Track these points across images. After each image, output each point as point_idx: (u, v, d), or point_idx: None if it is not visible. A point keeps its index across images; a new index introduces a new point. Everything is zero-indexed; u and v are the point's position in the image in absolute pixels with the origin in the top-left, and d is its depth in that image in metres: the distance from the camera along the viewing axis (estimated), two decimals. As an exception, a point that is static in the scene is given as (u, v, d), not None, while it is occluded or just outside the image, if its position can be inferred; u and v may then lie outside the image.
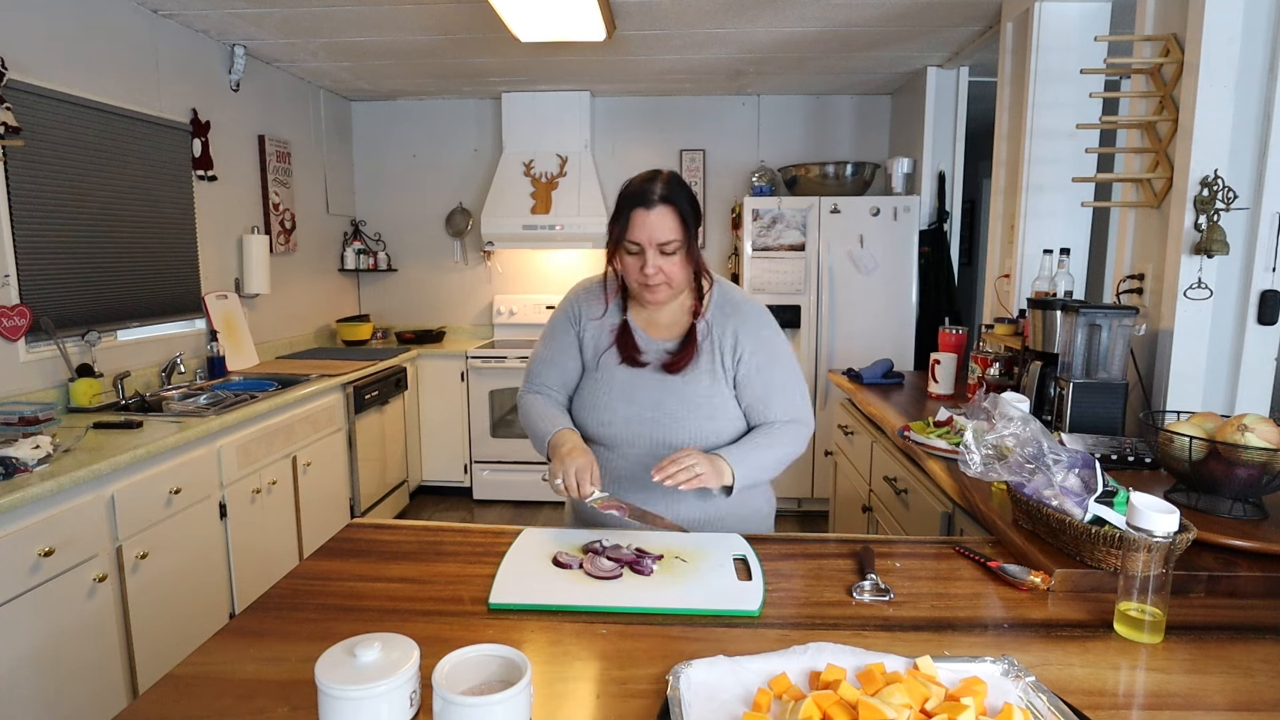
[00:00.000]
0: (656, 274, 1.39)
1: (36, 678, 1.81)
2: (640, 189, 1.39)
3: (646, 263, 1.38)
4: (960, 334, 2.83)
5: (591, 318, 1.55)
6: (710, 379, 1.46)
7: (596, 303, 1.55)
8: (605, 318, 1.54)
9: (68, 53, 2.61)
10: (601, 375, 1.50)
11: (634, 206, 1.38)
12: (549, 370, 1.58)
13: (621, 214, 1.40)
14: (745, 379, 1.47)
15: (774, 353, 1.49)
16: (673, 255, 1.39)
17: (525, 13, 2.82)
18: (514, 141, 4.49)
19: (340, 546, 1.31)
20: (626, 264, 1.42)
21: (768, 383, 1.48)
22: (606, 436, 1.48)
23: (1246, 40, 1.83)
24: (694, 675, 0.86)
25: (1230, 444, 1.26)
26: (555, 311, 1.61)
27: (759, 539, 1.32)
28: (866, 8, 3.02)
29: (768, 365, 1.48)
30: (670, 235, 1.37)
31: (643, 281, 1.41)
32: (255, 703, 0.85)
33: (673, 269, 1.40)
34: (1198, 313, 1.90)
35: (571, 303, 1.58)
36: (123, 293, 2.87)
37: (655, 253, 1.38)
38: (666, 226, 1.37)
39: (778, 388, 1.48)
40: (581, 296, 1.58)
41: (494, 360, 4.22)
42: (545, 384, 1.59)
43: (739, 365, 1.47)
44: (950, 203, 4.05)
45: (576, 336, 1.55)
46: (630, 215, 1.38)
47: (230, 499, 2.57)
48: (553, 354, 1.58)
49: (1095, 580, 1.13)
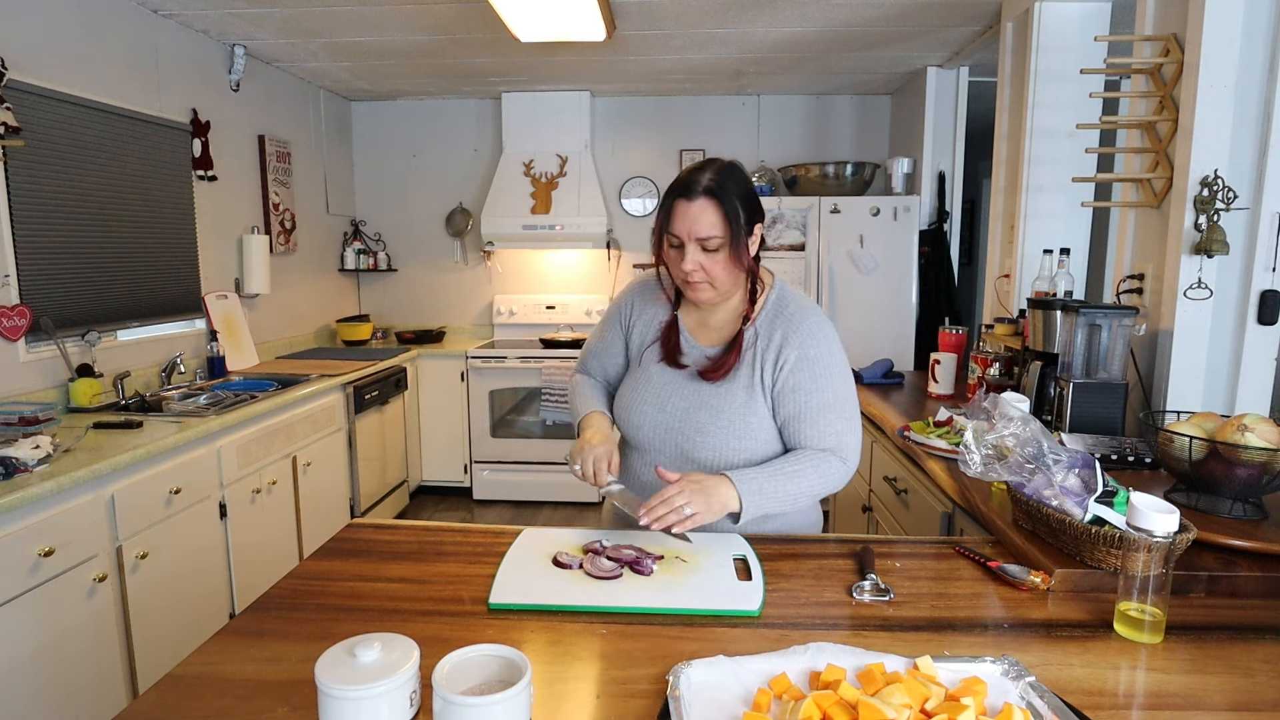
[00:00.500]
0: (696, 270, 1.30)
1: (36, 678, 1.81)
2: (687, 178, 1.30)
3: (685, 258, 1.29)
4: (960, 334, 2.83)
5: (643, 314, 1.51)
6: (747, 394, 1.36)
7: (652, 298, 1.50)
8: (657, 314, 1.49)
9: (68, 53, 2.61)
10: (640, 374, 1.46)
11: (676, 197, 1.30)
12: (594, 360, 1.59)
13: (664, 204, 1.32)
14: (782, 393, 1.35)
15: (822, 371, 1.35)
16: (715, 253, 1.29)
17: (525, 13, 2.82)
18: (514, 141, 4.49)
19: (340, 546, 1.31)
20: (669, 258, 1.34)
21: (807, 402, 1.34)
22: (636, 440, 1.45)
23: (1246, 40, 1.83)
24: (694, 675, 0.86)
25: (1230, 444, 1.26)
26: (612, 303, 1.58)
27: (759, 539, 1.32)
28: (866, 8, 3.02)
29: (811, 382, 1.34)
30: (711, 231, 1.27)
31: (683, 279, 1.33)
32: (255, 703, 0.85)
33: (715, 268, 1.30)
34: (1198, 313, 1.90)
35: (626, 298, 1.55)
36: (123, 293, 2.87)
37: (696, 248, 1.28)
38: (708, 221, 1.27)
39: (817, 409, 1.34)
40: (637, 292, 1.54)
41: (494, 360, 4.22)
42: (594, 368, 1.59)
43: (779, 376, 1.35)
44: (950, 203, 4.06)
45: (624, 333, 1.53)
46: (672, 205, 1.30)
47: (230, 499, 2.57)
48: (600, 345, 1.58)
49: (1095, 580, 1.13)
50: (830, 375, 1.36)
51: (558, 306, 4.68)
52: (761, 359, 1.37)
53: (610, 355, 1.56)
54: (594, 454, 1.33)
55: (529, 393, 4.26)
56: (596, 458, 1.33)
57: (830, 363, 1.36)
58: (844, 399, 1.37)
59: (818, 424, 1.34)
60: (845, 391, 1.37)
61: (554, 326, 4.69)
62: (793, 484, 1.29)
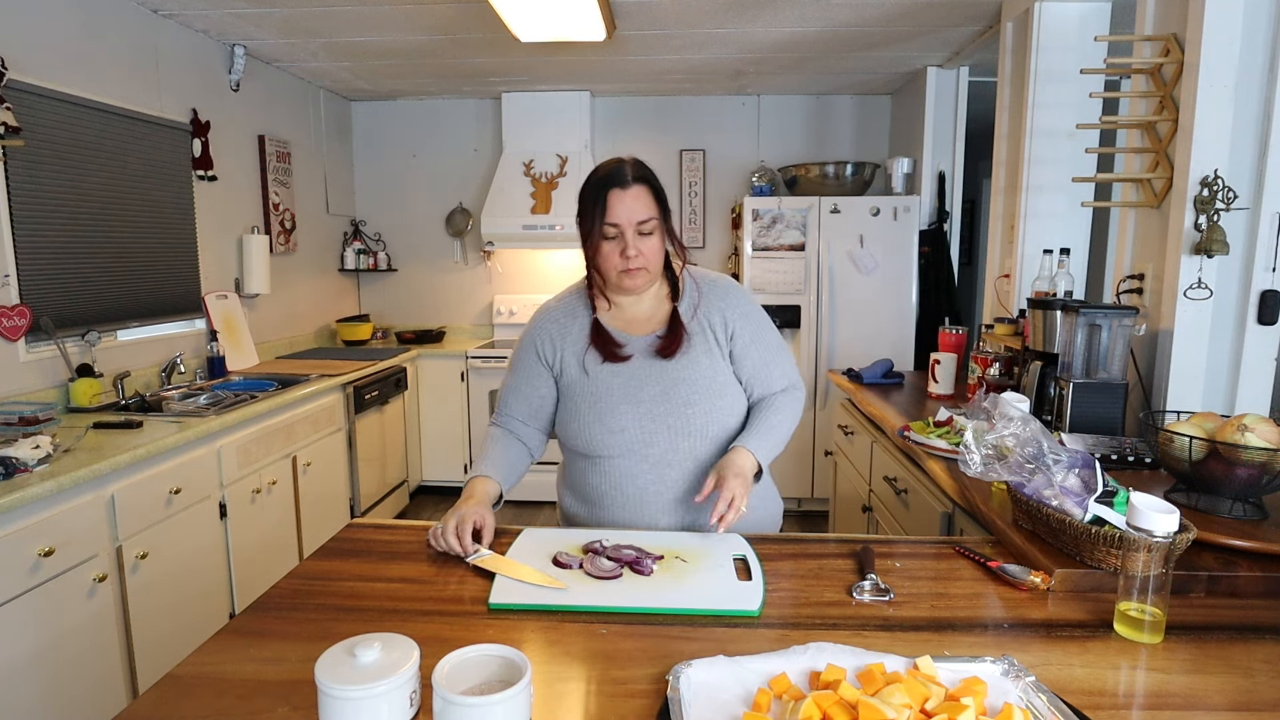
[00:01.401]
0: (637, 256, 1.36)
1: (36, 678, 1.81)
2: (612, 170, 1.37)
3: (627, 244, 1.36)
4: (960, 334, 2.83)
5: (564, 335, 1.49)
6: (709, 359, 1.44)
7: (566, 319, 1.51)
8: (581, 328, 1.49)
9: (68, 53, 2.61)
10: (592, 384, 1.44)
11: (609, 188, 1.36)
12: (517, 401, 1.53)
13: (596, 198, 1.36)
14: (741, 354, 1.47)
15: (760, 324, 1.50)
16: (650, 236, 1.37)
17: (525, 13, 2.82)
18: (514, 141, 4.49)
19: (340, 546, 1.31)
20: (604, 252, 1.39)
21: (762, 353, 1.48)
22: (621, 444, 1.42)
23: (1246, 40, 1.83)
24: (694, 675, 0.86)
25: (1230, 444, 1.26)
26: (521, 339, 1.55)
27: (759, 539, 1.32)
28: (866, 8, 3.02)
29: (759, 337, 1.48)
30: (648, 214, 1.36)
31: (623, 267, 1.38)
32: (255, 703, 0.85)
33: (650, 251, 1.38)
34: (1198, 313, 1.90)
35: (536, 328, 1.52)
36: (123, 293, 2.87)
37: (634, 233, 1.36)
38: (643, 205, 1.36)
39: (772, 356, 1.49)
40: (544, 319, 1.53)
41: (494, 360, 4.22)
42: (512, 414, 1.54)
43: (733, 342, 1.47)
44: (950, 203, 4.06)
45: (545, 362, 1.50)
46: (606, 197, 1.35)
47: (230, 499, 2.57)
48: (518, 382, 1.52)
49: (1095, 580, 1.13)
50: (764, 324, 1.51)
51: (558, 306, 4.67)
52: (711, 327, 1.46)
53: (533, 390, 1.51)
54: (456, 516, 1.27)
55: (529, 393, 4.25)
56: (460, 518, 1.26)
57: (760, 314, 1.52)
58: (778, 339, 1.53)
59: (771, 373, 1.49)
60: (773, 337, 1.53)
61: (554, 326, 4.68)
62: (783, 428, 1.45)
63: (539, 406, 1.52)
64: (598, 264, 1.42)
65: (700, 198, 4.69)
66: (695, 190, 4.68)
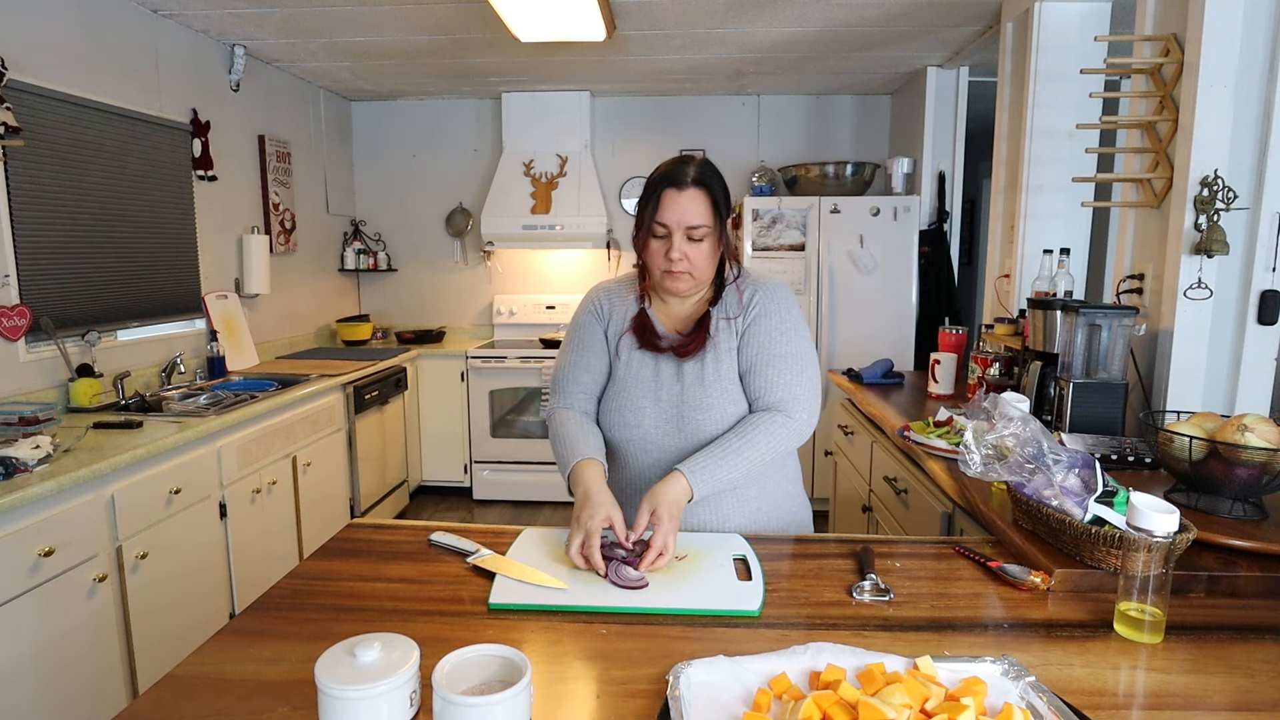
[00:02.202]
0: (681, 260, 1.33)
1: (36, 678, 1.81)
2: (672, 170, 1.34)
3: (673, 246, 1.33)
4: (960, 334, 2.83)
5: (614, 312, 1.50)
6: (731, 359, 1.40)
7: (619, 299, 1.51)
8: (627, 311, 1.49)
9: (68, 53, 2.61)
10: (624, 370, 1.44)
11: (665, 187, 1.33)
12: (578, 374, 1.48)
13: (651, 195, 1.34)
14: (744, 345, 1.40)
15: (778, 324, 1.40)
16: (700, 243, 1.34)
17: (525, 13, 2.82)
18: (514, 141, 4.49)
19: (340, 546, 1.31)
20: (650, 249, 1.36)
21: (759, 353, 1.39)
22: (636, 439, 1.42)
23: (1246, 40, 1.83)
24: (694, 675, 0.86)
25: (1230, 444, 1.26)
26: (576, 315, 1.53)
27: (759, 539, 1.32)
28: (866, 8, 3.02)
29: (766, 335, 1.40)
30: (700, 220, 1.32)
31: (665, 268, 1.35)
32: (255, 703, 0.85)
33: (699, 257, 1.34)
34: (1198, 313, 1.90)
35: (594, 300, 1.53)
36: (123, 293, 2.87)
37: (682, 237, 1.32)
38: (697, 210, 1.32)
39: (769, 359, 1.39)
40: (602, 293, 1.53)
41: (494, 360, 4.22)
42: (576, 391, 1.48)
43: (749, 325, 1.40)
44: (950, 203, 4.06)
45: (604, 331, 1.49)
46: (661, 195, 1.33)
47: (230, 499, 2.57)
48: (580, 356, 1.49)
49: (1095, 580, 1.13)
50: (785, 329, 1.40)
51: (558, 306, 4.68)
52: (742, 315, 1.42)
53: (595, 360, 1.48)
54: (583, 532, 1.19)
55: (529, 393, 4.26)
56: (587, 534, 1.19)
57: (787, 318, 1.41)
58: (797, 354, 1.40)
59: (767, 374, 1.38)
60: (799, 348, 1.41)
61: (554, 326, 4.69)
62: (741, 459, 1.32)
63: (600, 379, 1.48)
64: (644, 260, 1.41)
65: (700, 198, 4.68)
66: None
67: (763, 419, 1.36)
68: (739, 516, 1.43)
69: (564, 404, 1.48)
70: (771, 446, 1.34)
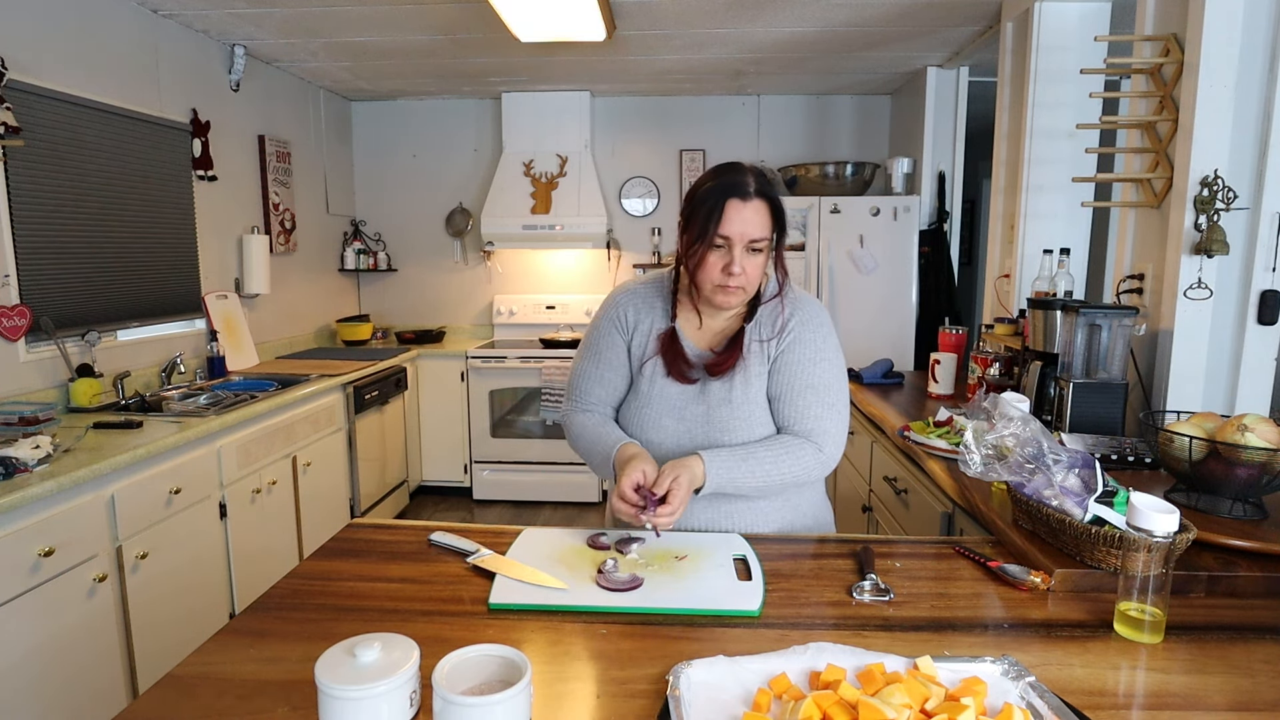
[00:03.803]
0: (740, 275, 1.27)
1: (36, 678, 1.81)
2: (733, 179, 1.27)
3: (733, 260, 1.26)
4: (960, 334, 2.83)
5: (639, 323, 1.42)
6: (761, 381, 1.36)
7: (646, 307, 1.43)
8: (654, 323, 1.41)
9: (68, 53, 2.61)
10: (646, 389, 1.40)
11: (729, 196, 1.26)
12: (594, 387, 1.44)
13: (713, 205, 1.26)
14: (779, 366, 1.36)
15: (812, 354, 1.36)
16: (758, 255, 1.29)
17: (525, 13, 2.82)
18: (514, 141, 4.49)
19: (340, 546, 1.31)
20: (707, 263, 1.29)
21: (791, 382, 1.35)
22: (656, 456, 1.35)
23: (1246, 40, 1.83)
24: (694, 675, 0.86)
25: (1230, 444, 1.26)
26: (597, 319, 1.46)
27: (759, 539, 1.32)
28: (866, 8, 3.02)
29: (797, 364, 1.35)
30: (762, 232, 1.27)
31: (722, 282, 1.29)
32: (255, 703, 0.85)
33: (755, 271, 1.29)
34: (1198, 313, 1.90)
35: (617, 308, 1.44)
36: (123, 293, 2.87)
37: (743, 250, 1.27)
38: (760, 222, 1.27)
39: (799, 389, 1.35)
40: (625, 300, 1.44)
41: (494, 360, 4.22)
42: (592, 401, 1.44)
43: (781, 350, 1.36)
44: (950, 203, 4.06)
45: (626, 345, 1.43)
46: (724, 206, 1.25)
47: (230, 499, 2.57)
48: (598, 369, 1.44)
49: (1095, 580, 1.13)
50: (819, 359, 1.37)
51: (558, 306, 4.68)
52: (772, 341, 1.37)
53: (614, 375, 1.43)
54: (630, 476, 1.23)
55: (529, 393, 4.26)
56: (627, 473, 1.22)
57: (823, 347, 1.38)
58: (828, 385, 1.37)
59: (797, 404, 1.35)
60: (831, 378, 1.37)
61: (554, 326, 4.69)
62: (762, 469, 1.30)
63: (617, 395, 1.45)
64: (695, 274, 1.32)
65: (700, 198, 4.68)
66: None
67: (797, 442, 1.34)
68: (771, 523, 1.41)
69: (582, 408, 1.45)
70: (795, 471, 1.32)
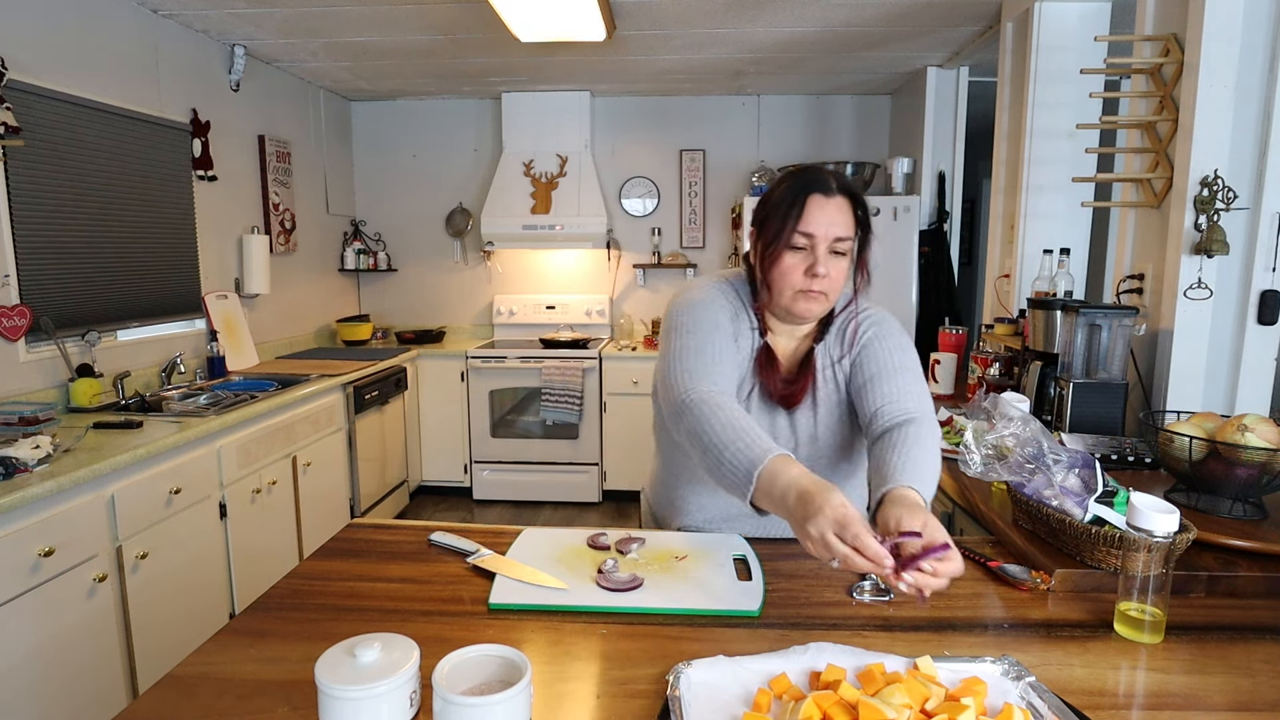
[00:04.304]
0: (825, 278, 1.17)
1: (36, 678, 1.81)
2: (814, 175, 1.19)
3: (817, 261, 1.17)
4: (960, 334, 2.83)
5: (740, 334, 1.27)
6: (840, 409, 1.27)
7: (733, 317, 1.28)
8: (743, 338, 1.27)
9: (68, 53, 2.61)
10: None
11: (811, 192, 1.17)
12: (723, 367, 1.19)
13: (792, 201, 1.17)
14: (858, 363, 1.24)
15: (896, 344, 1.26)
16: (842, 258, 1.19)
17: (525, 13, 2.82)
18: (514, 141, 4.49)
19: (340, 546, 1.31)
20: (785, 264, 1.18)
21: (886, 362, 1.23)
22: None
23: (1246, 40, 1.83)
24: (694, 675, 0.86)
25: (1230, 444, 1.26)
26: (707, 305, 1.25)
27: (759, 539, 1.32)
28: (866, 8, 3.02)
29: (886, 353, 1.24)
30: (847, 231, 1.18)
31: (804, 287, 1.18)
32: (255, 703, 0.85)
33: (839, 275, 1.19)
34: (1198, 313, 1.90)
35: (720, 308, 1.26)
36: (123, 293, 2.87)
37: (826, 251, 1.17)
38: (845, 221, 1.18)
39: (904, 370, 1.23)
40: (722, 303, 1.27)
41: (494, 360, 4.22)
42: (722, 377, 1.18)
43: (861, 349, 1.25)
44: (950, 203, 4.05)
45: (737, 346, 1.26)
46: (806, 202, 1.16)
47: (230, 499, 2.57)
48: (722, 352, 1.21)
49: (1095, 580, 1.13)
50: (905, 348, 1.27)
51: (558, 306, 4.68)
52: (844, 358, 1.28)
53: (734, 365, 1.23)
54: (844, 529, 0.88)
55: (529, 393, 4.26)
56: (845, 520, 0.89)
57: (904, 340, 1.28)
58: (919, 373, 1.26)
59: (896, 382, 1.21)
60: (918, 366, 1.26)
61: (554, 326, 4.69)
62: (935, 470, 1.11)
63: (735, 384, 1.24)
64: (772, 278, 1.21)
65: (700, 198, 4.69)
66: (695, 190, 4.68)
67: (925, 430, 1.15)
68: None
69: (715, 385, 1.16)
70: (940, 459, 1.15)
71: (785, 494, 0.96)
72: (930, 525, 0.93)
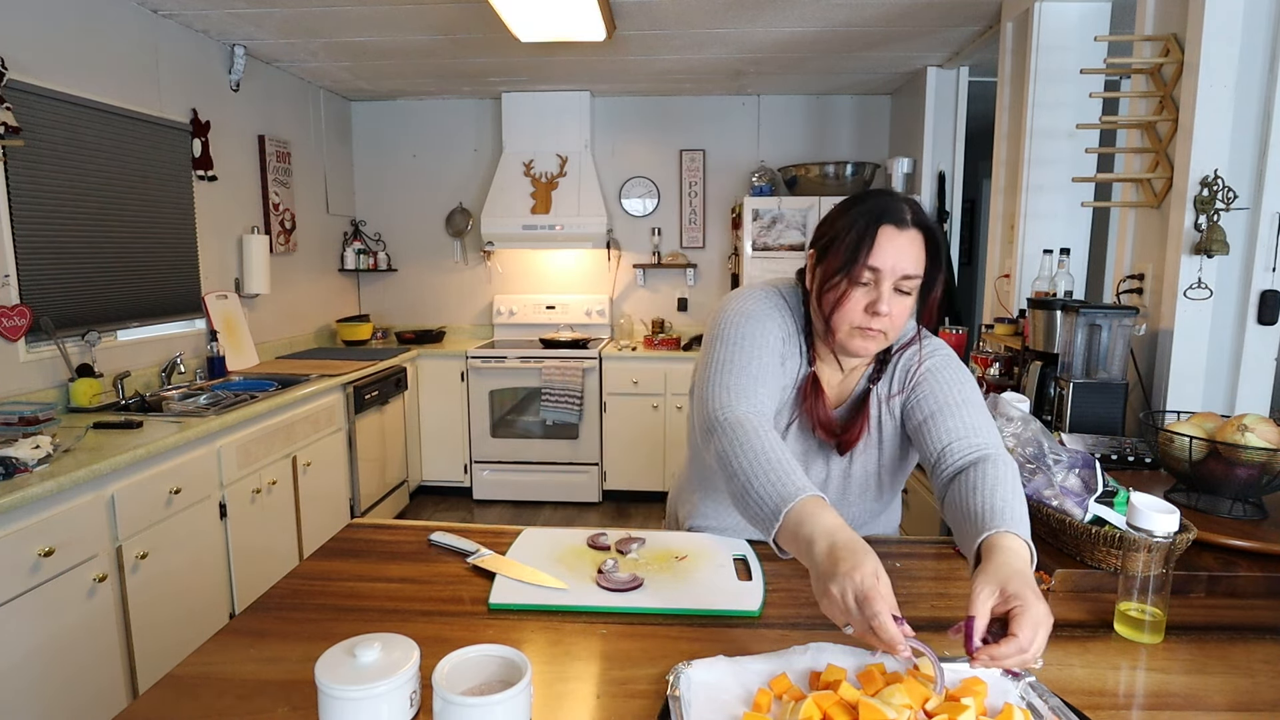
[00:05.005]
0: (886, 317, 1.08)
1: (36, 678, 1.81)
2: (886, 203, 1.09)
3: (880, 298, 1.08)
4: (960, 334, 2.83)
5: (788, 358, 1.20)
6: (894, 449, 1.22)
7: (791, 338, 1.21)
8: (791, 362, 1.20)
9: (68, 53, 2.61)
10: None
11: (883, 222, 1.07)
12: (761, 386, 1.12)
13: (864, 230, 1.08)
14: (920, 396, 1.17)
15: (955, 376, 1.18)
16: (906, 296, 1.10)
17: (525, 13, 2.82)
18: (514, 141, 4.49)
19: (340, 546, 1.31)
20: (849, 298, 1.10)
21: (954, 396, 1.15)
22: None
23: (1246, 40, 1.83)
24: (694, 675, 0.86)
25: (1230, 444, 1.26)
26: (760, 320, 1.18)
27: (760, 540, 1.32)
28: (866, 8, 3.02)
29: (956, 383, 1.17)
30: (916, 268, 1.09)
31: (863, 324, 1.10)
32: (255, 703, 0.85)
33: (902, 314, 1.11)
34: (1198, 313, 1.90)
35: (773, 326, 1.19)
36: (123, 293, 2.87)
37: (891, 287, 1.08)
38: (915, 256, 1.08)
39: (968, 404, 1.14)
40: (778, 322, 1.19)
41: (494, 360, 4.22)
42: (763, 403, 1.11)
43: (916, 382, 1.18)
44: (950, 203, 4.05)
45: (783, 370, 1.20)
46: (878, 233, 1.07)
47: (230, 499, 2.57)
48: (764, 370, 1.14)
49: (1095, 580, 1.13)
50: (965, 380, 1.18)
51: (558, 306, 4.68)
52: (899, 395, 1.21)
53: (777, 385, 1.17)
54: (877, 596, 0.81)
55: (529, 393, 4.26)
56: (867, 595, 0.81)
57: (963, 373, 1.19)
58: (984, 406, 1.17)
59: (962, 416, 1.13)
60: (982, 401, 1.18)
61: (554, 326, 4.69)
62: (1025, 509, 1.01)
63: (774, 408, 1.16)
64: (830, 310, 1.12)
65: (700, 198, 4.69)
66: (695, 190, 4.68)
67: (1002, 467, 1.06)
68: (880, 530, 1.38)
69: (753, 409, 1.09)
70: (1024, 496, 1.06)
71: (813, 542, 0.88)
72: (1021, 615, 0.80)
